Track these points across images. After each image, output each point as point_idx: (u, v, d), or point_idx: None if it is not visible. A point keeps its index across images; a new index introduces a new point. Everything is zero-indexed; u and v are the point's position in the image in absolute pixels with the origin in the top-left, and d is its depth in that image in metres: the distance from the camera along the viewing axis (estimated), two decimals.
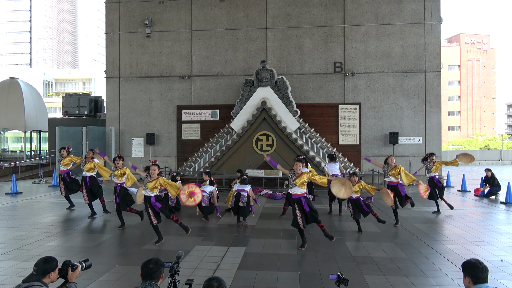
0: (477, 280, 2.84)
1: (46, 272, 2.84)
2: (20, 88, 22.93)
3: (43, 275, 2.83)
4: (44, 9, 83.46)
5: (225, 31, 17.69)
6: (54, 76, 68.81)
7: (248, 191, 8.68)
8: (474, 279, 2.84)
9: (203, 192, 8.70)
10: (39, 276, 2.82)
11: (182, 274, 4.61)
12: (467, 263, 2.93)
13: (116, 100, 18.27)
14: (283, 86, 16.30)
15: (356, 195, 7.83)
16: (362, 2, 17.07)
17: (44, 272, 2.83)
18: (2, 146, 34.04)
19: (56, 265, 2.92)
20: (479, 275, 2.84)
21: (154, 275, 2.88)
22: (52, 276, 2.87)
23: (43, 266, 2.85)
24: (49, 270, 2.85)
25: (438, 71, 16.77)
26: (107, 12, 18.57)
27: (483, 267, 2.86)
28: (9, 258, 6.08)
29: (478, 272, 2.84)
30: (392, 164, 8.67)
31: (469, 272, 2.87)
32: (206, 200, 8.90)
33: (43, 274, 2.83)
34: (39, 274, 2.82)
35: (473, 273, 2.85)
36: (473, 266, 2.87)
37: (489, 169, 13.27)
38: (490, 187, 12.87)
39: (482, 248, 6.76)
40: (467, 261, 2.96)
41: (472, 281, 2.85)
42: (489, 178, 13.01)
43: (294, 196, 6.79)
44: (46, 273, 2.84)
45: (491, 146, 47.65)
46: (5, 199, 12.25)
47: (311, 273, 5.48)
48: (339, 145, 16.81)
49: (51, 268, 2.86)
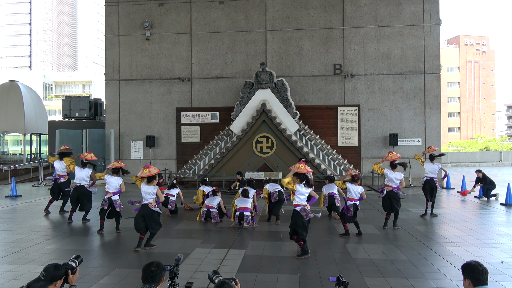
0: (477, 282, 2.84)
1: (54, 279, 2.84)
2: (20, 91, 22.95)
3: (50, 282, 2.82)
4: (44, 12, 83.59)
5: (224, 33, 17.72)
6: (54, 79, 68.87)
7: (250, 208, 8.60)
8: (474, 281, 2.84)
9: (171, 197, 9.89)
10: (47, 282, 2.81)
11: (181, 277, 4.61)
12: (467, 265, 2.92)
13: (116, 103, 18.28)
14: (282, 88, 16.32)
15: (356, 198, 7.79)
16: (361, 5, 17.11)
17: (52, 279, 2.83)
18: (2, 149, 34.05)
19: (64, 274, 2.91)
20: (479, 277, 2.84)
21: (155, 278, 2.88)
22: (58, 284, 2.87)
23: (53, 273, 2.84)
24: (56, 278, 2.85)
25: (437, 73, 16.80)
26: (106, 15, 18.61)
27: (483, 269, 2.86)
28: (8, 262, 6.07)
29: (478, 274, 2.84)
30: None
31: (469, 274, 2.87)
32: (173, 203, 9.89)
33: (51, 281, 2.83)
34: (47, 280, 2.82)
35: (473, 275, 2.85)
36: (473, 268, 2.87)
37: (479, 170, 13.28)
38: (482, 185, 12.82)
39: (482, 250, 6.75)
40: (467, 263, 2.95)
41: (472, 283, 2.85)
42: (480, 178, 12.99)
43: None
44: (54, 280, 2.84)
45: (491, 148, 47.70)
46: (4, 202, 12.23)
47: (311, 275, 5.47)
48: (338, 147, 16.82)
49: (59, 276, 2.87)
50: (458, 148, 50.65)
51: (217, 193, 9.30)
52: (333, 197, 9.51)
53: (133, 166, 17.57)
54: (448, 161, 30.80)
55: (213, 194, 9.41)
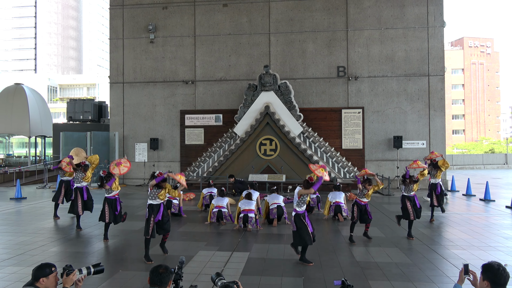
0: (496, 286, 2.76)
1: (37, 278, 2.97)
2: (25, 94, 23.12)
3: (36, 280, 2.97)
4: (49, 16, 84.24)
5: (228, 36, 17.76)
6: (58, 82, 69.24)
7: (254, 210, 8.57)
8: (493, 285, 2.76)
9: (174, 200, 9.70)
10: (33, 280, 2.98)
11: (185, 279, 4.60)
12: (489, 266, 2.82)
13: (120, 105, 18.35)
14: (286, 90, 16.31)
15: (366, 201, 7.73)
16: (365, 7, 17.09)
17: (35, 277, 2.98)
18: (7, 151, 34.24)
19: (50, 272, 3.00)
20: (500, 281, 2.75)
21: (163, 281, 2.88)
22: (45, 282, 2.97)
23: (35, 272, 3.00)
24: (39, 276, 2.97)
25: (441, 75, 16.73)
26: (111, 18, 18.71)
27: (506, 274, 2.76)
28: (12, 264, 6.08)
29: (499, 279, 2.75)
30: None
31: (490, 277, 2.78)
32: (176, 206, 9.84)
33: (35, 279, 2.97)
34: (32, 278, 2.99)
35: (494, 279, 2.76)
36: (495, 272, 2.77)
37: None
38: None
39: (487, 253, 6.68)
40: (489, 264, 2.84)
41: (490, 286, 2.78)
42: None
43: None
44: (37, 278, 2.97)
45: (496, 150, 47.34)
46: (9, 204, 12.29)
47: (315, 278, 5.44)
48: (342, 149, 16.77)
49: (42, 274, 2.98)
50: (463, 151, 50.34)
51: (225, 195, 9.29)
52: (339, 207, 9.48)
53: (137, 168, 17.63)
54: (452, 164, 30.61)
55: (220, 195, 9.40)
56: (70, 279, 3.03)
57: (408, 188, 7.92)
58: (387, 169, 16.61)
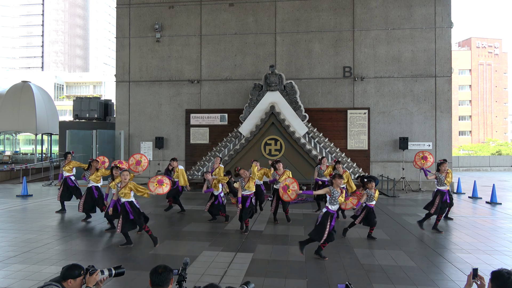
0: None
1: (66, 278, 2.98)
2: (32, 92, 23.29)
3: (64, 279, 2.98)
4: (56, 14, 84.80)
5: (234, 35, 17.75)
6: (65, 80, 69.75)
7: (251, 194, 8.58)
8: None
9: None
10: (61, 278, 2.98)
11: (189, 280, 4.60)
12: (499, 274, 2.76)
13: (126, 104, 18.42)
14: (291, 90, 16.28)
15: (373, 203, 7.72)
16: (372, 7, 17.00)
17: (63, 277, 2.98)
18: (14, 148, 34.53)
19: (79, 275, 3.01)
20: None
21: (164, 280, 2.87)
22: (72, 283, 2.98)
23: (64, 271, 3.00)
24: (68, 277, 2.98)
25: (448, 76, 16.60)
26: (117, 17, 18.78)
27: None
28: (18, 261, 6.13)
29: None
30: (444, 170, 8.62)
31: (498, 285, 2.73)
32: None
33: (63, 278, 2.98)
34: (61, 276, 2.99)
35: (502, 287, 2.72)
36: (506, 281, 2.70)
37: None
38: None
39: (493, 257, 6.63)
40: (499, 272, 2.78)
41: None
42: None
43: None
44: (66, 278, 2.98)
45: (503, 152, 46.89)
46: (15, 202, 12.39)
47: (319, 280, 5.42)
48: (347, 150, 16.71)
49: (71, 276, 2.99)
50: (469, 152, 49.94)
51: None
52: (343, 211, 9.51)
53: None
54: (459, 165, 30.39)
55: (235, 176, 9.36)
56: (93, 278, 3.03)
57: (441, 182, 8.41)
58: (393, 170, 16.53)
